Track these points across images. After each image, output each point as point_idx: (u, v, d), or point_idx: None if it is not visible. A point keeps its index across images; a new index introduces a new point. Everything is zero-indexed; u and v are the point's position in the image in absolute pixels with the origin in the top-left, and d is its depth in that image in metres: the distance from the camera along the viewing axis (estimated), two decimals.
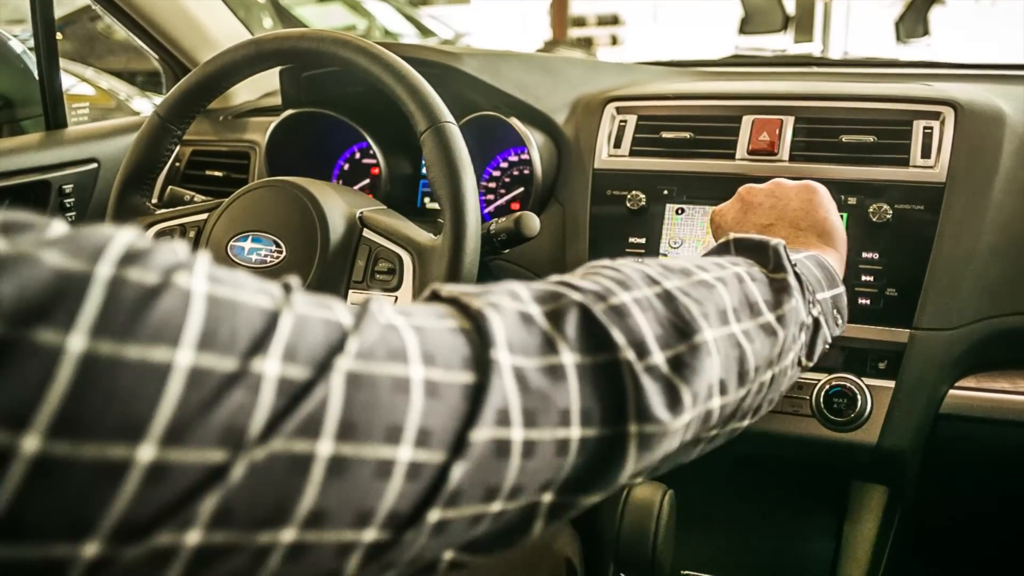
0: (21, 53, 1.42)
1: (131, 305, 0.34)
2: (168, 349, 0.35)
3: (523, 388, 0.46)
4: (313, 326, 0.40)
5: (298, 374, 0.38)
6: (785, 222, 0.84)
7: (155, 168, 1.10)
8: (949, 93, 1.12)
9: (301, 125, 1.36)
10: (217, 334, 0.36)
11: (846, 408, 1.04)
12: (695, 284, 0.59)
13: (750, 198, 0.88)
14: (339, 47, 0.99)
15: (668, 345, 0.53)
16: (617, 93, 1.25)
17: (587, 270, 0.58)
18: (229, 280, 0.38)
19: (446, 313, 0.48)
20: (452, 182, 0.93)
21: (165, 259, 0.36)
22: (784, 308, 0.65)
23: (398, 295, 0.96)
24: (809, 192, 0.86)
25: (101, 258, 0.35)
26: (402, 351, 0.43)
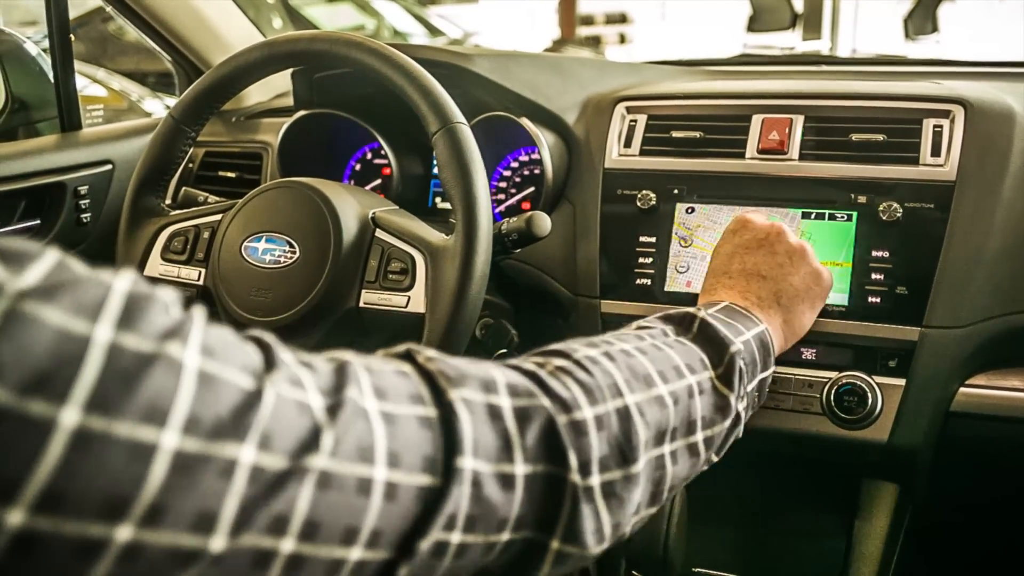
0: (36, 55, 1.44)
1: (125, 377, 0.35)
2: (155, 429, 0.36)
3: (476, 497, 0.49)
4: (288, 413, 0.41)
5: (271, 464, 0.40)
6: (761, 280, 0.87)
7: (170, 169, 1.11)
8: (959, 91, 1.12)
9: (313, 126, 1.37)
10: (202, 417, 0.37)
11: (856, 406, 1.04)
12: (652, 400, 0.62)
13: (742, 240, 0.90)
14: (351, 48, 1.00)
15: (608, 468, 0.57)
16: (627, 93, 1.26)
17: (562, 361, 0.60)
18: (218, 350, 0.40)
19: (418, 395, 0.50)
20: (464, 182, 0.94)
21: (159, 324, 0.38)
22: (715, 429, 0.69)
23: (410, 295, 0.97)
24: (800, 257, 0.89)
25: (100, 318, 0.36)
26: (370, 449, 0.45)
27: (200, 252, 1.07)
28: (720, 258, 0.91)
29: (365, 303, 0.99)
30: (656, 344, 0.68)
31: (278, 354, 0.44)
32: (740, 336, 0.76)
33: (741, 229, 0.91)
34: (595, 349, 0.63)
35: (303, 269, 0.99)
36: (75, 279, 0.37)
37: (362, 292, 1.00)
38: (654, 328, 0.73)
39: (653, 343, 0.68)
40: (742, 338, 0.76)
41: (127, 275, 0.39)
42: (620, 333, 0.71)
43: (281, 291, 0.99)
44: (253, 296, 1.01)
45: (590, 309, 1.17)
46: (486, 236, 0.94)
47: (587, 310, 1.17)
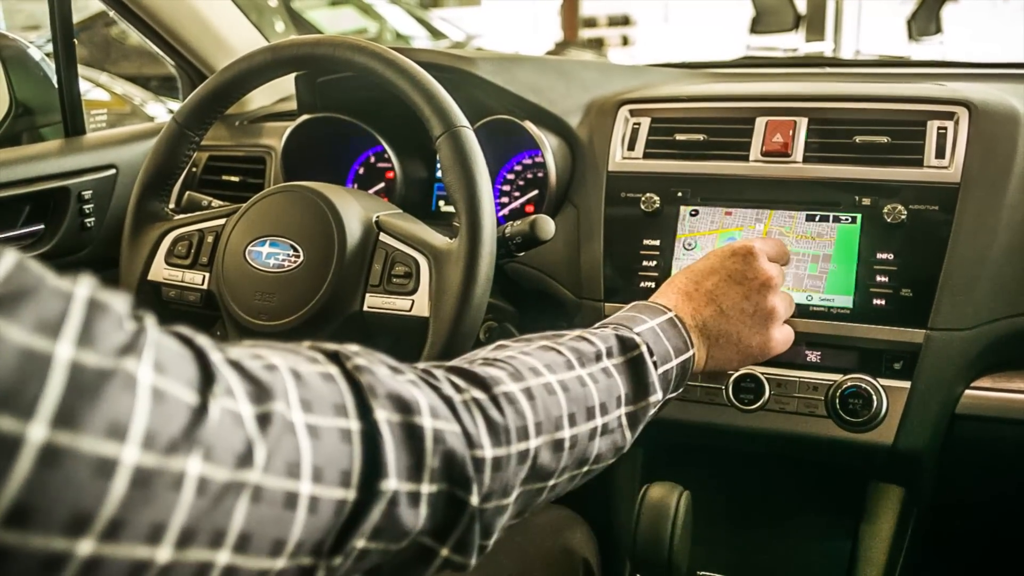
0: (40, 60, 1.44)
1: (87, 393, 0.36)
2: (117, 445, 0.37)
3: (389, 513, 0.52)
4: (227, 426, 0.43)
5: (214, 475, 0.41)
6: (720, 314, 0.87)
7: (173, 174, 1.11)
8: (963, 93, 1.12)
9: (316, 130, 1.37)
10: (157, 432, 0.39)
11: (862, 409, 1.04)
12: (553, 444, 0.65)
13: (733, 268, 0.89)
14: (354, 53, 1.00)
15: (491, 499, 0.60)
16: (630, 96, 1.26)
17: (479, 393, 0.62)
18: (168, 365, 0.41)
19: (342, 406, 0.52)
20: (468, 186, 0.94)
21: (116, 339, 0.39)
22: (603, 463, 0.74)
23: (414, 299, 0.97)
24: (767, 318, 0.89)
25: (61, 335, 0.36)
26: (297, 464, 0.46)
27: (204, 256, 1.07)
28: (703, 268, 0.90)
29: (369, 307, 0.99)
30: (582, 377, 0.70)
31: (211, 360, 0.45)
32: (667, 363, 0.79)
33: (740, 255, 0.90)
34: (517, 383, 0.64)
35: (307, 273, 0.99)
36: (35, 287, 0.37)
37: (366, 296, 1.00)
38: (593, 346, 0.74)
39: (579, 375, 0.70)
40: (667, 365, 0.79)
41: (85, 283, 0.40)
42: (555, 350, 0.71)
43: (285, 295, 1.00)
44: (257, 300, 1.01)
45: (594, 312, 1.17)
46: (490, 239, 0.94)
47: (591, 313, 1.17)
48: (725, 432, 1.11)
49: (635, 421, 0.75)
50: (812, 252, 1.08)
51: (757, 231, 1.11)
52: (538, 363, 0.68)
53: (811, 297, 1.07)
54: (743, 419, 1.09)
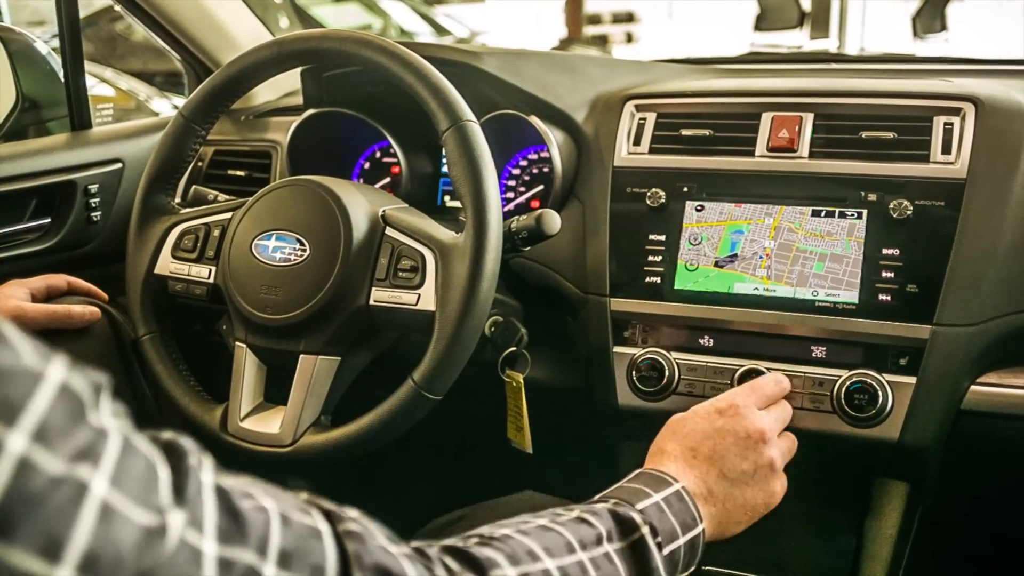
0: (46, 55, 1.44)
1: (29, 500, 0.33)
2: (48, 566, 0.34)
3: None
4: (182, 562, 0.39)
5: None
6: (722, 478, 0.83)
7: (180, 168, 1.12)
8: (969, 89, 1.12)
9: (322, 124, 1.38)
10: (99, 555, 0.36)
11: (867, 404, 1.04)
12: None
13: (725, 426, 0.86)
14: (361, 47, 1.00)
15: None
16: (636, 91, 1.26)
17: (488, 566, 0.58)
18: (129, 476, 0.38)
19: (322, 568, 0.48)
20: (474, 180, 0.94)
21: (76, 441, 0.36)
22: None
23: (420, 293, 0.97)
24: (766, 475, 0.86)
25: (17, 424, 0.34)
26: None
27: (210, 250, 1.08)
28: (695, 430, 0.86)
29: (375, 301, 0.99)
30: (582, 562, 0.65)
31: (191, 481, 0.42)
32: (673, 543, 0.74)
33: (731, 413, 0.87)
34: (515, 568, 0.60)
35: (313, 267, 0.99)
36: (5, 368, 0.34)
37: (372, 290, 1.00)
38: (593, 528, 0.69)
39: (579, 560, 0.65)
40: (674, 545, 0.74)
41: (59, 366, 0.37)
42: (555, 531, 0.67)
43: (291, 289, 1.00)
44: (263, 294, 1.01)
45: (599, 307, 1.17)
46: (496, 234, 0.94)
47: (596, 308, 1.17)
48: None
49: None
50: (818, 248, 1.08)
51: (766, 225, 1.11)
52: (536, 546, 0.64)
53: (817, 293, 1.07)
54: None
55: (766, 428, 0.88)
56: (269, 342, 1.03)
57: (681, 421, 0.88)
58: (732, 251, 1.11)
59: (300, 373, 1.01)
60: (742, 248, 1.11)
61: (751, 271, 1.10)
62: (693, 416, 0.88)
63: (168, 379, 1.08)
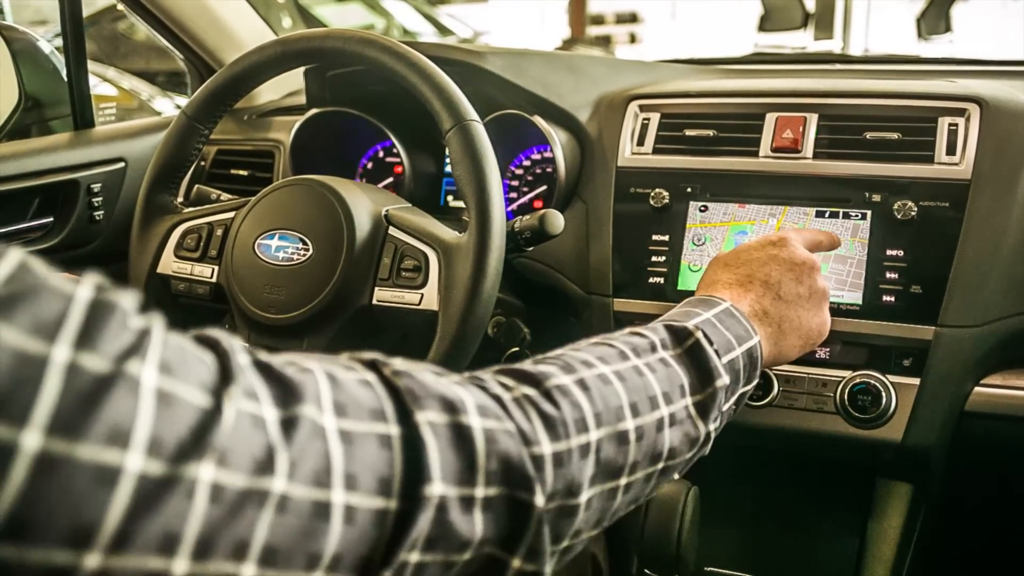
0: (49, 54, 1.44)
1: (85, 399, 0.35)
2: (119, 452, 0.35)
3: (439, 521, 0.49)
4: (245, 429, 0.41)
5: (230, 482, 0.39)
6: (776, 299, 0.85)
7: (183, 167, 1.12)
8: (974, 90, 1.12)
9: (325, 124, 1.37)
10: (163, 438, 0.37)
11: (870, 405, 1.04)
12: (615, 436, 0.61)
13: (778, 254, 0.87)
14: (364, 46, 1.00)
15: (554, 498, 0.56)
16: (640, 91, 1.25)
17: (530, 389, 0.59)
18: (176, 366, 0.39)
19: (380, 411, 0.49)
20: (478, 180, 0.94)
21: (118, 342, 0.37)
22: (680, 459, 0.69)
23: (423, 293, 0.97)
24: (820, 298, 0.87)
25: (58, 337, 0.35)
26: (326, 472, 0.44)
27: (213, 249, 1.07)
28: (749, 259, 0.88)
29: (378, 300, 0.99)
30: (638, 366, 0.67)
31: (235, 360, 0.43)
32: (730, 352, 0.75)
33: (780, 244, 0.88)
34: (569, 376, 0.61)
35: (316, 266, 0.99)
36: (35, 288, 0.35)
37: (375, 289, 1.00)
38: (646, 338, 0.71)
39: (635, 364, 0.67)
40: (731, 354, 0.75)
41: (89, 282, 0.38)
42: (607, 344, 0.69)
43: (294, 288, 1.00)
44: (266, 293, 1.01)
45: (603, 307, 1.16)
46: (499, 233, 0.94)
47: (600, 308, 1.17)
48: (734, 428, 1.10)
49: (705, 410, 0.70)
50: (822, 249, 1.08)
51: (770, 226, 1.11)
52: (590, 356, 0.65)
53: None
54: (752, 415, 1.08)
55: (816, 260, 0.89)
56: (272, 341, 1.03)
57: (734, 253, 0.90)
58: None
59: None
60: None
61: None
62: (745, 248, 0.90)
63: None
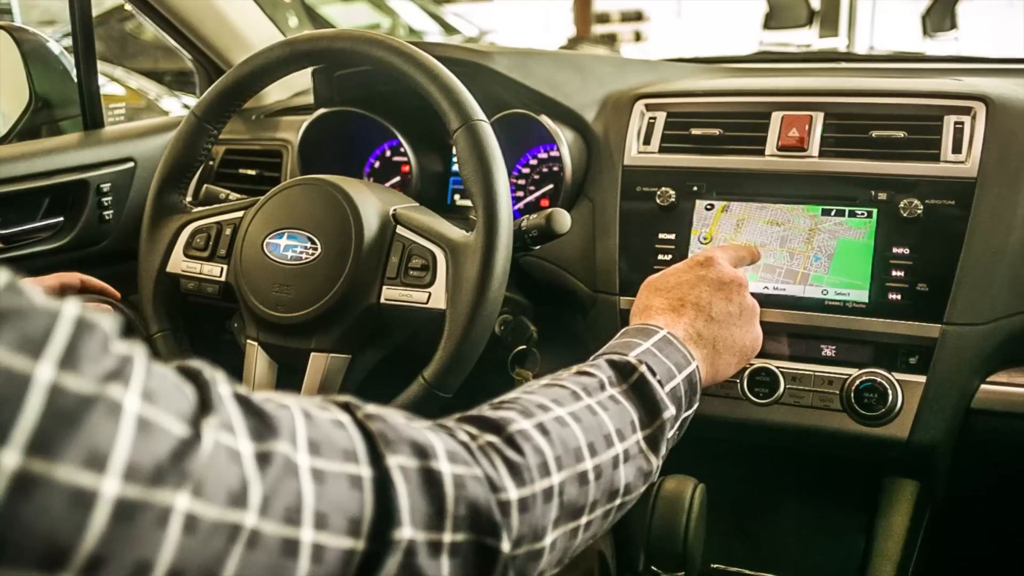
0: (59, 54, 1.45)
1: (66, 419, 0.35)
2: (96, 475, 0.35)
3: (407, 564, 0.50)
4: (222, 462, 0.41)
5: (204, 513, 0.39)
6: (708, 320, 0.87)
7: (192, 167, 1.12)
8: (980, 88, 1.12)
9: (333, 124, 1.38)
10: (141, 463, 0.37)
11: (877, 403, 1.04)
12: (576, 478, 0.63)
13: (706, 275, 0.90)
14: (373, 47, 1.01)
15: (522, 543, 0.57)
16: (646, 90, 1.26)
17: (493, 436, 0.60)
18: (157, 393, 0.40)
19: (352, 452, 0.50)
20: (485, 179, 0.95)
21: (102, 365, 0.37)
22: (634, 494, 0.71)
23: (431, 291, 0.97)
24: (750, 315, 0.91)
25: (43, 356, 0.35)
26: (297, 509, 0.44)
27: (222, 248, 1.08)
28: (679, 283, 0.90)
29: (386, 299, 1.00)
30: (591, 406, 0.69)
31: (215, 391, 0.44)
32: (671, 380, 0.78)
33: (708, 264, 0.91)
34: (529, 420, 0.63)
35: (325, 265, 1.00)
36: (21, 308, 0.36)
37: (383, 288, 1.00)
38: (594, 377, 0.73)
39: (588, 404, 0.69)
40: (673, 383, 0.78)
41: (73, 305, 0.38)
42: (559, 386, 0.71)
43: (303, 287, 1.00)
44: (275, 292, 1.01)
45: (609, 305, 1.17)
46: (507, 233, 0.95)
47: (606, 306, 1.17)
48: (740, 425, 1.11)
49: (655, 443, 0.73)
50: (828, 247, 1.08)
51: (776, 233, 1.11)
52: (545, 399, 0.67)
53: (827, 291, 1.07)
54: (758, 413, 1.09)
55: (742, 276, 0.92)
56: (280, 340, 1.03)
57: (663, 277, 0.92)
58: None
59: (311, 371, 1.01)
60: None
61: (761, 270, 1.10)
62: (674, 271, 0.92)
63: None
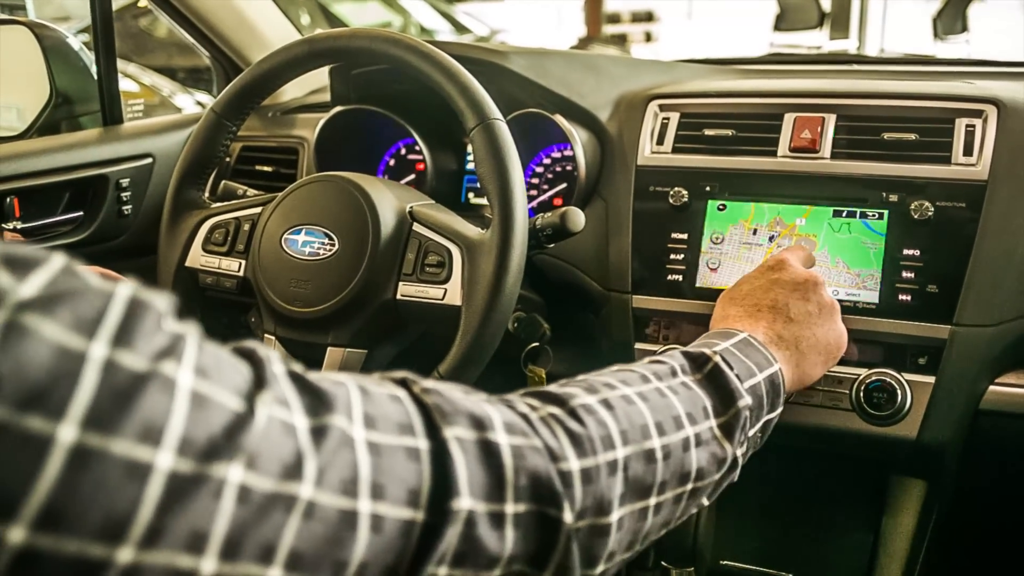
0: (79, 50, 1.47)
1: (121, 395, 0.36)
2: (151, 449, 0.36)
3: (467, 536, 0.50)
4: (275, 435, 0.42)
5: (258, 485, 0.40)
6: (788, 321, 0.86)
7: (211, 163, 1.14)
8: (992, 91, 1.13)
9: (349, 121, 1.40)
10: (195, 437, 0.38)
11: (886, 402, 1.05)
12: (642, 454, 0.62)
13: (779, 278, 0.89)
14: (391, 46, 1.02)
15: (584, 516, 0.57)
16: (660, 91, 1.27)
17: (555, 408, 0.59)
18: (211, 369, 0.40)
19: (409, 425, 0.50)
20: (501, 178, 0.96)
21: (155, 342, 0.38)
22: (708, 480, 0.69)
23: (447, 288, 0.99)
24: (830, 313, 0.89)
25: (97, 334, 0.36)
26: (353, 481, 0.44)
27: (240, 244, 1.10)
28: (752, 289, 0.90)
29: (402, 295, 1.01)
30: (660, 388, 0.68)
31: (270, 369, 0.44)
32: (751, 378, 0.76)
33: (779, 268, 0.91)
34: (593, 396, 0.62)
35: (342, 261, 1.01)
36: (76, 289, 0.37)
37: (399, 284, 1.02)
38: (665, 364, 0.72)
39: (657, 387, 0.68)
40: (753, 380, 0.76)
41: (127, 285, 0.39)
42: (628, 370, 0.70)
43: (320, 282, 1.02)
44: (293, 287, 1.03)
45: (621, 304, 1.18)
46: (522, 231, 0.96)
47: (618, 305, 1.19)
48: None
49: (730, 431, 0.70)
50: (839, 247, 1.09)
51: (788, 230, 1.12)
52: (612, 379, 0.66)
53: (837, 292, 1.08)
54: None
55: (818, 276, 0.91)
56: (297, 334, 1.05)
57: (736, 287, 0.92)
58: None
59: (328, 365, 1.02)
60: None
61: None
62: (746, 280, 0.92)
63: None
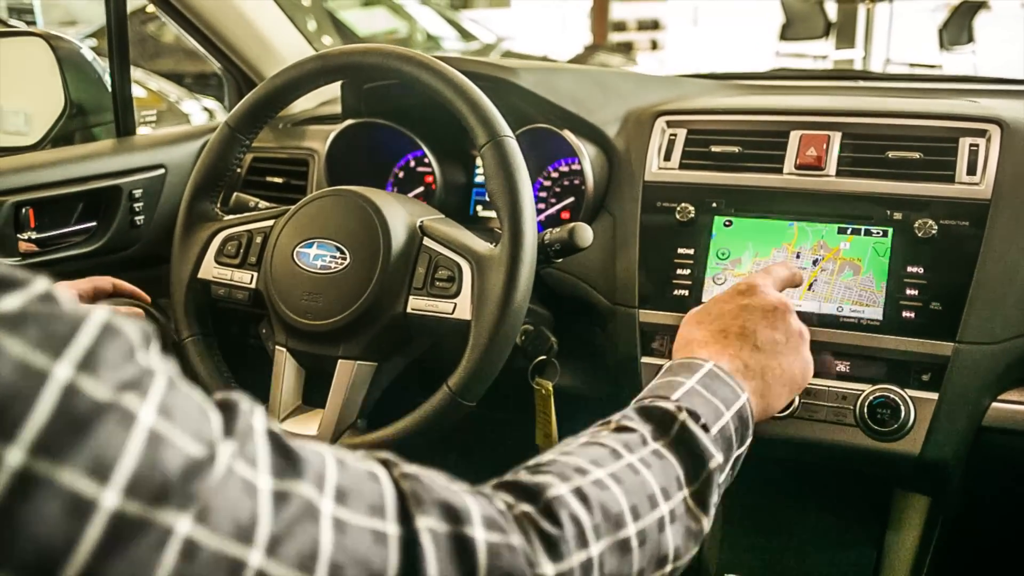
0: (92, 61, 1.48)
1: (76, 422, 0.34)
2: (98, 485, 0.34)
3: None
4: (233, 492, 0.39)
5: (205, 541, 0.37)
6: (755, 349, 0.84)
7: (224, 176, 1.15)
8: (995, 111, 1.14)
9: (359, 134, 1.41)
10: (146, 478, 0.36)
11: (889, 419, 1.06)
12: (617, 546, 0.60)
13: (748, 303, 0.87)
14: (403, 62, 1.04)
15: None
16: (667, 107, 1.28)
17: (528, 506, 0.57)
18: (177, 409, 0.38)
19: (380, 507, 0.47)
20: (511, 194, 0.97)
21: (122, 373, 0.37)
22: (684, 559, 0.67)
23: (456, 302, 1.00)
24: (797, 342, 0.86)
25: (63, 355, 0.35)
26: (312, 557, 0.41)
27: (253, 256, 1.11)
28: (721, 313, 0.87)
29: (412, 309, 1.02)
30: (633, 464, 0.65)
31: (246, 422, 0.42)
32: (719, 420, 0.74)
33: (750, 292, 0.88)
34: (566, 484, 0.60)
35: (353, 275, 1.03)
36: (51, 311, 0.36)
37: (409, 298, 1.03)
38: (635, 433, 0.69)
39: (630, 463, 0.65)
40: (721, 422, 0.74)
41: (104, 311, 0.38)
42: (599, 445, 0.67)
43: (331, 295, 1.03)
44: (304, 300, 1.04)
45: (628, 318, 1.19)
46: (531, 246, 0.97)
47: (625, 319, 1.20)
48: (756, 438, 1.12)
49: (702, 499, 0.68)
50: (843, 265, 1.10)
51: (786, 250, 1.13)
52: (583, 461, 0.63)
53: (842, 308, 1.09)
54: (772, 426, 1.10)
55: (786, 301, 0.88)
56: (308, 347, 1.06)
57: (704, 309, 0.89)
58: (759, 266, 1.14)
59: (338, 377, 1.04)
60: (769, 263, 1.13)
61: None
62: (715, 302, 0.89)
63: (210, 380, 1.11)
